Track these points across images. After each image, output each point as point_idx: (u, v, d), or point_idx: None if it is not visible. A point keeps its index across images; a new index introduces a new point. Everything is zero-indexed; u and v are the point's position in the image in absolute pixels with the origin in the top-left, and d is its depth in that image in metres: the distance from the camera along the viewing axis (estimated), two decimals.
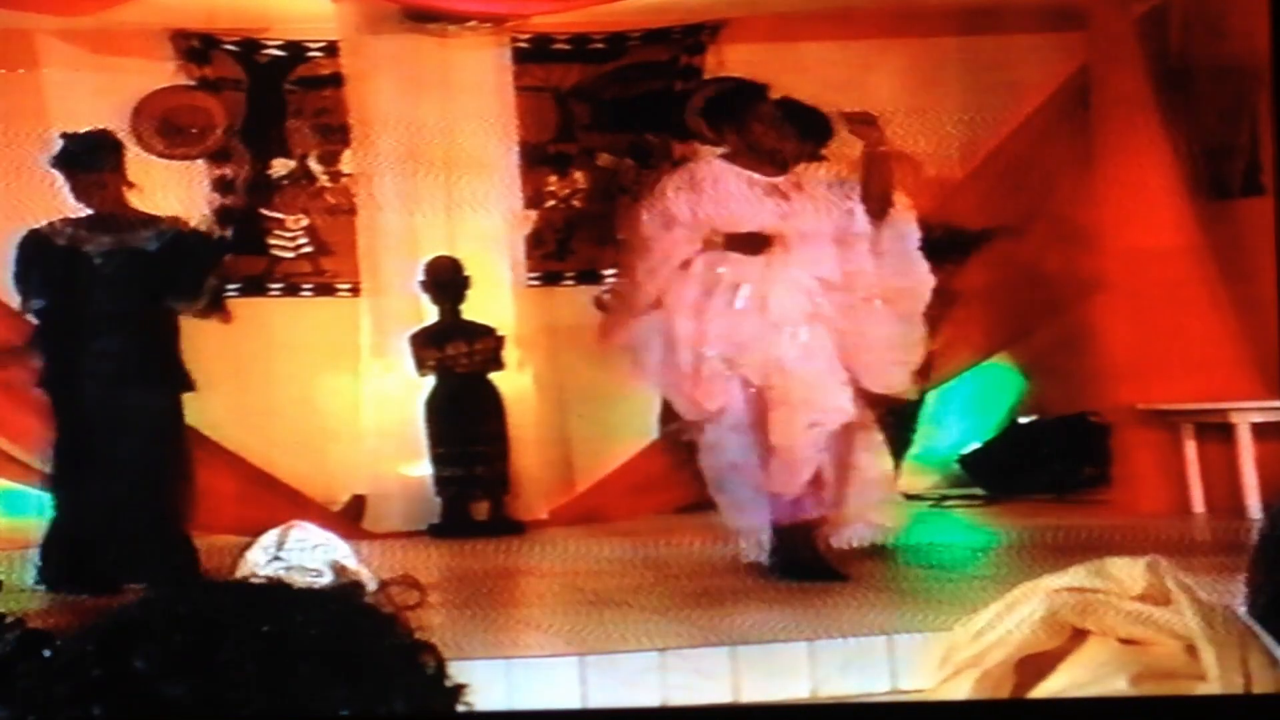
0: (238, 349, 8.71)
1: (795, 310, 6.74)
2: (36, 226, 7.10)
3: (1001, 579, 6.74)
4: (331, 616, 1.14)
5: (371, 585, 1.23)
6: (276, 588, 1.18)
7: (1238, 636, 1.37)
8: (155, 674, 1.07)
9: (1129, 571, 1.44)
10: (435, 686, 1.16)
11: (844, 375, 6.78)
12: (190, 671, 1.07)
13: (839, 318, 6.81)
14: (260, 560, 2.97)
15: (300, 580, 1.29)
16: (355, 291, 9.28)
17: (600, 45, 9.64)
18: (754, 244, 6.77)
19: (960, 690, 1.43)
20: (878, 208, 6.87)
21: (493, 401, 8.95)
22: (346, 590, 1.21)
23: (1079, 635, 1.41)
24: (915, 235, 7.09)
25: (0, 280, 7.88)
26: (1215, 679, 1.33)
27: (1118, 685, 1.36)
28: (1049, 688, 1.40)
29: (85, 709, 1.07)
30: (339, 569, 2.90)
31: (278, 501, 8.32)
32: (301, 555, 2.95)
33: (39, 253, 7.00)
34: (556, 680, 5.11)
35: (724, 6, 9.40)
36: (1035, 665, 1.41)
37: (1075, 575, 1.46)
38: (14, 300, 7.24)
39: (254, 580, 1.23)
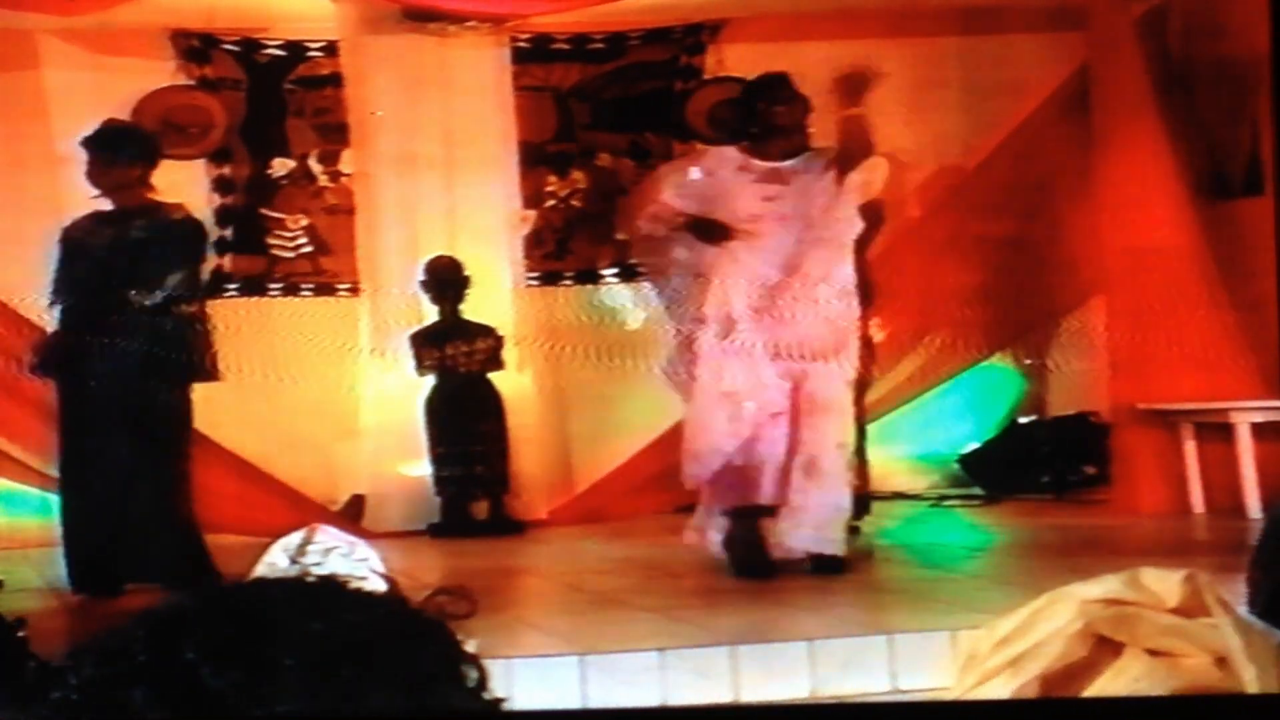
0: (237, 348, 8.70)
1: (741, 304, 6.78)
2: (69, 224, 7.03)
3: (1001, 579, 6.75)
4: (381, 620, 1.14)
5: (383, 586, 1.24)
6: (329, 587, 1.18)
7: (1276, 653, 1.36)
8: (200, 663, 1.08)
9: (1165, 584, 1.43)
10: (475, 699, 1.16)
11: (778, 367, 6.79)
12: (235, 664, 1.08)
13: (785, 308, 6.81)
14: (281, 563, 2.96)
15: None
16: (355, 291, 9.28)
17: (600, 45, 9.64)
18: (711, 233, 6.83)
19: (992, 698, 1.42)
20: (844, 168, 6.85)
21: (492, 401, 8.95)
22: (397, 595, 1.21)
23: (1106, 645, 1.40)
24: (856, 227, 7.08)
25: (7, 280, 7.90)
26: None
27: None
28: None
29: (127, 692, 1.08)
30: (364, 574, 2.89)
31: (277, 501, 8.33)
32: (326, 559, 2.94)
33: (68, 252, 6.92)
34: (556, 680, 5.11)
35: (724, 6, 9.40)
36: (1061, 676, 1.40)
37: (1108, 585, 1.45)
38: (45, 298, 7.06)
39: (309, 579, 1.23)
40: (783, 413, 6.74)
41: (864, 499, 7.71)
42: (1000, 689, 1.42)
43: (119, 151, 6.99)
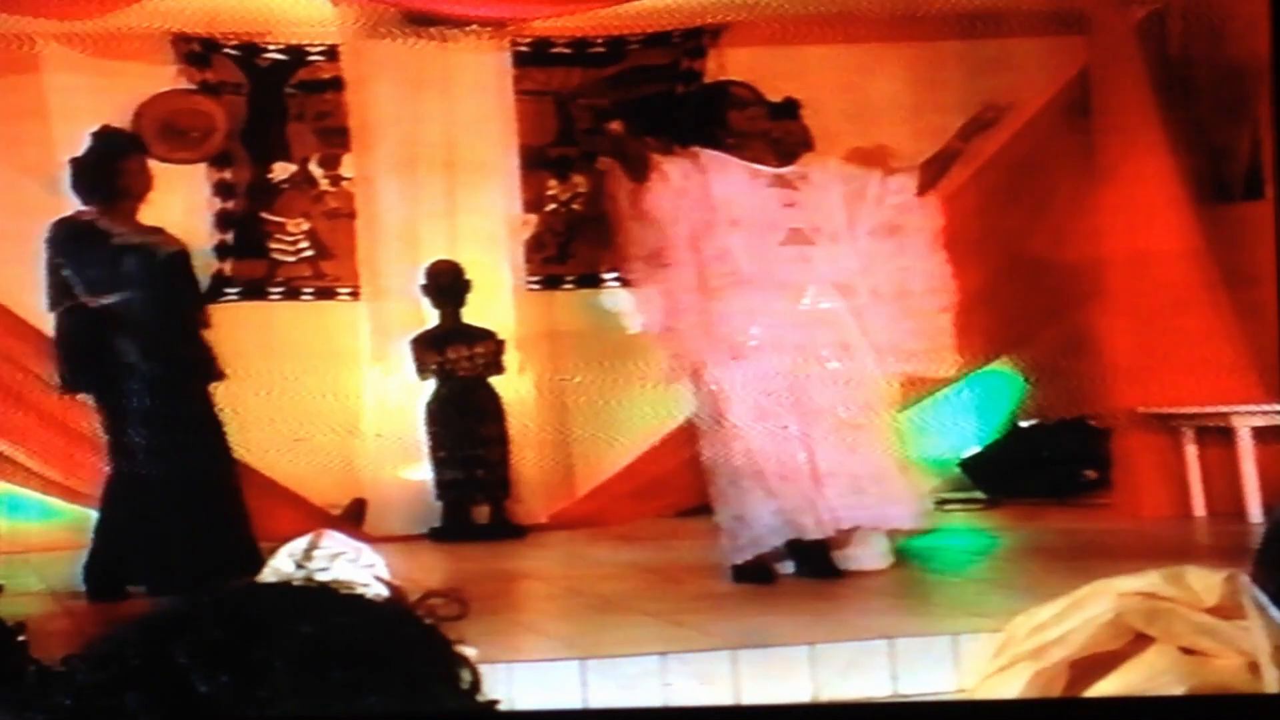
0: (238, 352, 8.70)
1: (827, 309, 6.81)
2: (76, 215, 7.04)
3: (1002, 583, 6.74)
4: (371, 623, 1.14)
5: (385, 592, 1.23)
6: (321, 591, 1.18)
7: None
8: (191, 668, 1.08)
9: (1206, 582, 1.43)
10: (468, 701, 1.16)
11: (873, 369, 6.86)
12: (226, 668, 1.08)
13: (865, 311, 6.87)
14: (287, 568, 2.96)
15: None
16: (355, 295, 9.28)
17: (600, 49, 9.64)
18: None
19: (1014, 683, 1.42)
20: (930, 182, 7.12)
21: (493, 405, 8.95)
22: (390, 598, 1.21)
23: (1142, 640, 1.40)
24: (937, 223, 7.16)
25: (7, 284, 7.90)
26: None
27: (1175, 694, 1.35)
28: (1103, 689, 1.39)
29: (120, 697, 1.08)
30: (368, 580, 2.89)
31: (278, 505, 8.32)
32: (331, 564, 2.95)
33: (99, 244, 6.90)
34: (557, 684, 5.11)
35: (725, 10, 9.39)
36: (1092, 665, 1.40)
37: (1149, 580, 1.45)
38: (69, 286, 7.00)
39: (298, 583, 1.23)
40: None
41: None
42: (1025, 672, 1.42)
43: (143, 154, 7.10)
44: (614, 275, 9.47)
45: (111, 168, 7.02)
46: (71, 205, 7.26)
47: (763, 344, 6.74)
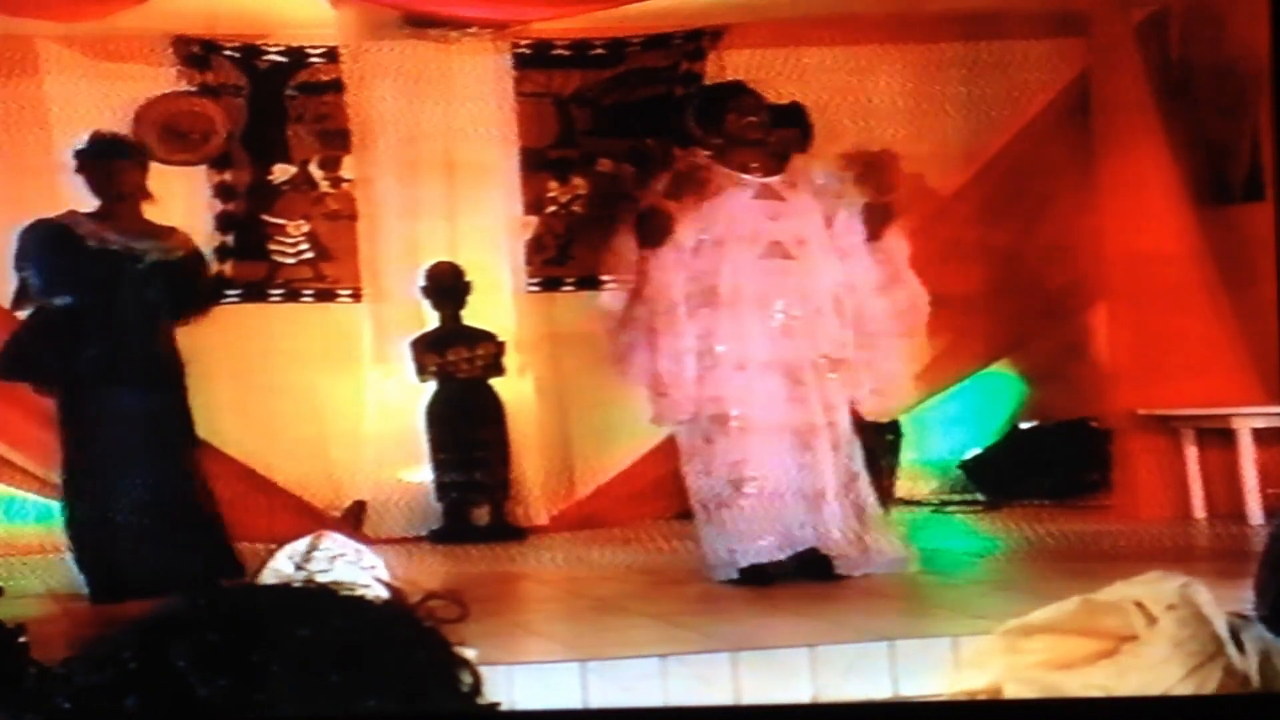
0: (239, 354, 8.71)
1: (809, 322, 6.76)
2: (52, 218, 7.08)
3: (1002, 584, 6.74)
4: (369, 625, 1.14)
5: (386, 594, 1.23)
6: (319, 593, 1.18)
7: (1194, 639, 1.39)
8: (190, 670, 1.08)
9: (1164, 589, 1.46)
10: (468, 703, 1.16)
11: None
12: (223, 671, 1.08)
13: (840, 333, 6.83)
14: (287, 569, 2.96)
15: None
16: (356, 297, 9.28)
17: (601, 51, 9.64)
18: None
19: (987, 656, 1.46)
20: (875, 231, 6.86)
21: (493, 407, 8.95)
22: (388, 600, 1.21)
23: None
24: (904, 249, 7.05)
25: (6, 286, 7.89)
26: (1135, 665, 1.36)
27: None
28: (1090, 674, 1.41)
29: (119, 700, 1.08)
30: (368, 581, 2.90)
31: (278, 507, 8.32)
32: (332, 566, 2.95)
33: (66, 246, 6.93)
34: (558, 686, 5.10)
35: (725, 12, 9.40)
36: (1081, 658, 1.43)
37: (1141, 580, 1.49)
38: (29, 288, 7.05)
39: (297, 585, 1.22)
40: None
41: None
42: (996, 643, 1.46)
43: (132, 158, 7.12)
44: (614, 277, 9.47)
45: (104, 171, 7.05)
46: (72, 207, 7.27)
47: (732, 360, 6.70)
